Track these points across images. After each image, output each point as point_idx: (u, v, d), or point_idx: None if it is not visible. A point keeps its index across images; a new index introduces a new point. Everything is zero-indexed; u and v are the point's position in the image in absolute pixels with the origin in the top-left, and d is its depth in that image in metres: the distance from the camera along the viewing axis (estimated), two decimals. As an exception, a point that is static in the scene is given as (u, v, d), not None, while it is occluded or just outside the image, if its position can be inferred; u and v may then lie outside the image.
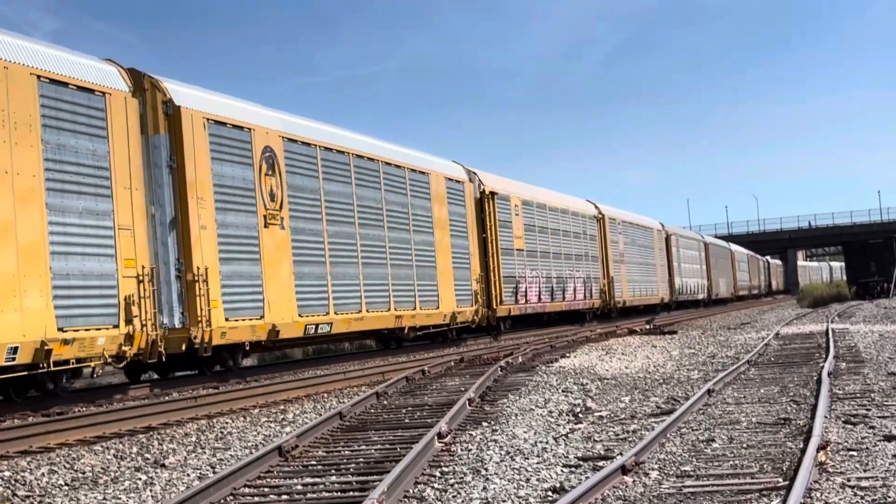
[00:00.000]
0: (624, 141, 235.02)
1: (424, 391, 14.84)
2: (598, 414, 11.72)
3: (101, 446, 10.83)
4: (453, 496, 7.42)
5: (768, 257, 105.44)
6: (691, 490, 7.19)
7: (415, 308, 23.84)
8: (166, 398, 14.50)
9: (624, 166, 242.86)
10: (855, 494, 6.75)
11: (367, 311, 21.59)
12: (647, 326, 33.60)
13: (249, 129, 18.17)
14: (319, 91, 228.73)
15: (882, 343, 20.52)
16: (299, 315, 18.99)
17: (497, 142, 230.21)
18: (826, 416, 10.16)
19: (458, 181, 27.61)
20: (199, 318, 16.15)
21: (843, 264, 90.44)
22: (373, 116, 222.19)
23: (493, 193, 29.31)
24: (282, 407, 14.04)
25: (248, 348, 18.22)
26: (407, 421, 11.64)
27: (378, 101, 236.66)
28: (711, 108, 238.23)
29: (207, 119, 17.03)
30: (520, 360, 19.82)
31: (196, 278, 16.18)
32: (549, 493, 7.37)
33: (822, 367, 14.95)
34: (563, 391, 14.27)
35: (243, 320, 17.35)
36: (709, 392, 12.67)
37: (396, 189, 23.76)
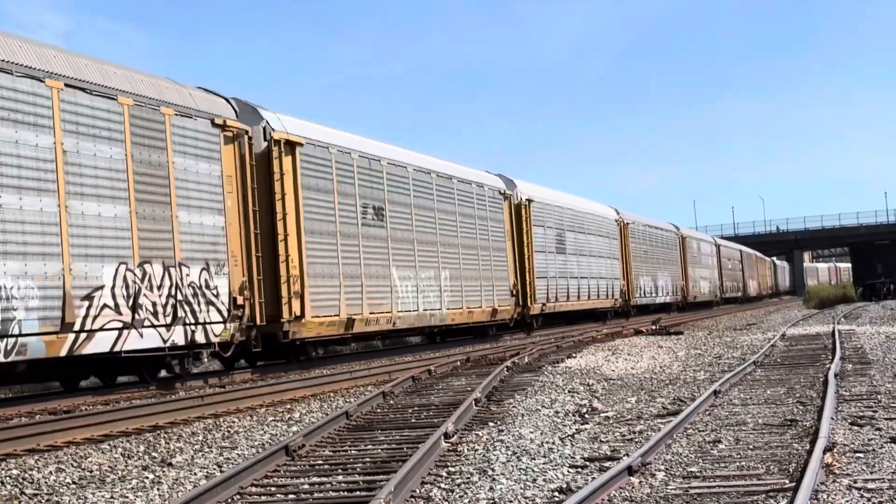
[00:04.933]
0: (630, 141, 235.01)
1: (431, 391, 14.86)
2: (605, 414, 11.73)
3: (109, 445, 10.86)
4: (460, 496, 7.43)
5: (774, 258, 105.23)
6: (698, 491, 7.20)
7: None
8: (173, 397, 14.54)
9: (630, 167, 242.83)
10: (861, 496, 6.76)
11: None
12: (654, 327, 33.60)
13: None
14: (329, 92, 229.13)
15: (888, 344, 20.49)
16: None
17: (503, 141, 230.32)
18: (832, 418, 10.16)
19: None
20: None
21: (849, 265, 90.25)
22: (382, 116, 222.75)
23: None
24: (288, 406, 14.07)
25: None
26: (413, 421, 11.66)
27: (387, 101, 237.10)
28: (718, 108, 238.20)
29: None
30: (526, 360, 19.83)
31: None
32: (556, 494, 7.38)
33: (829, 368, 14.94)
34: (569, 392, 14.28)
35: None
36: (715, 393, 12.67)
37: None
